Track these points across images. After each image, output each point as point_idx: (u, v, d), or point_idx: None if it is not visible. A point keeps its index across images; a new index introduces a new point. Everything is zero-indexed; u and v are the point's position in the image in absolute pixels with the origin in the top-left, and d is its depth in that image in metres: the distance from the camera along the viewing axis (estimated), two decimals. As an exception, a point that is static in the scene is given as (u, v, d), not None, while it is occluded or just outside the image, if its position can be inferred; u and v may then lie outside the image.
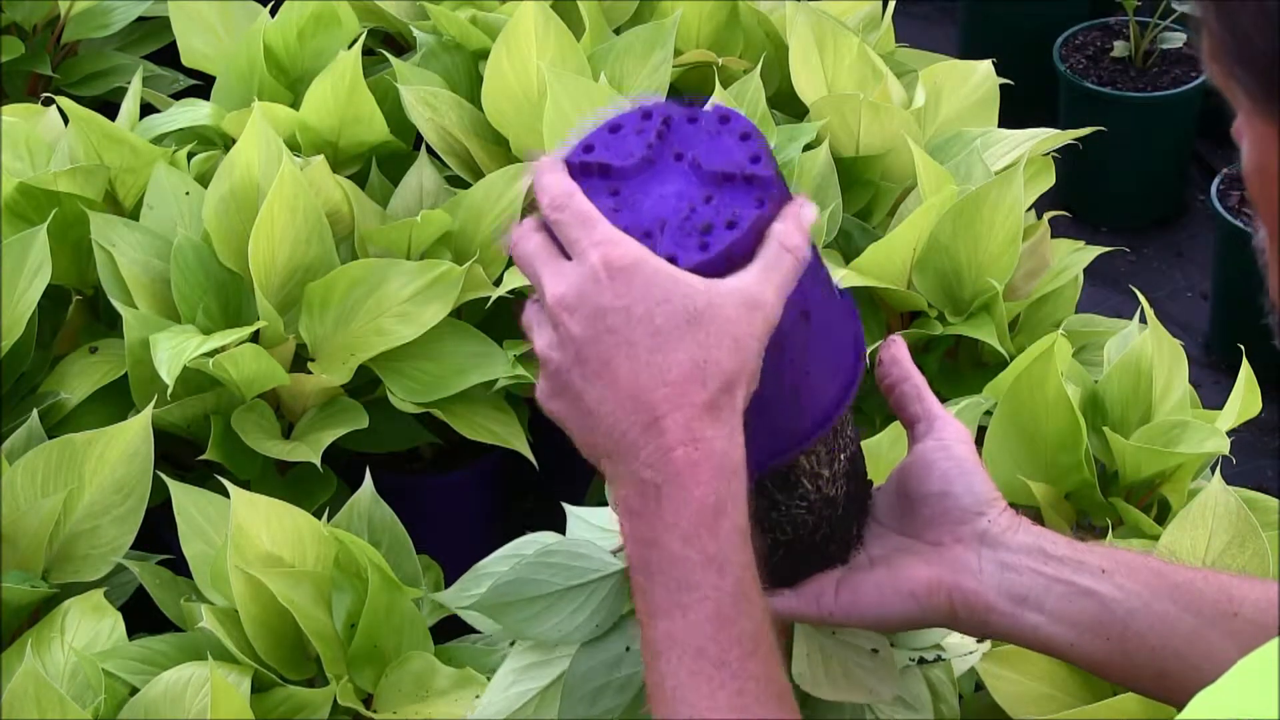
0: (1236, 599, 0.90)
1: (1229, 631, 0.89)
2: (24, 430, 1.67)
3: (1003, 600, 0.91)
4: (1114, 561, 0.91)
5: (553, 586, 1.01)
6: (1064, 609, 0.90)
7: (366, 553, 1.46)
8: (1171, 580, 0.91)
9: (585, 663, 1.01)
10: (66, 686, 1.42)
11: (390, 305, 1.78)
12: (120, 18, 2.37)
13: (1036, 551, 0.91)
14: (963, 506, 0.93)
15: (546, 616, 1.01)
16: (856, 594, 0.93)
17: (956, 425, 0.96)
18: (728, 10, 2.17)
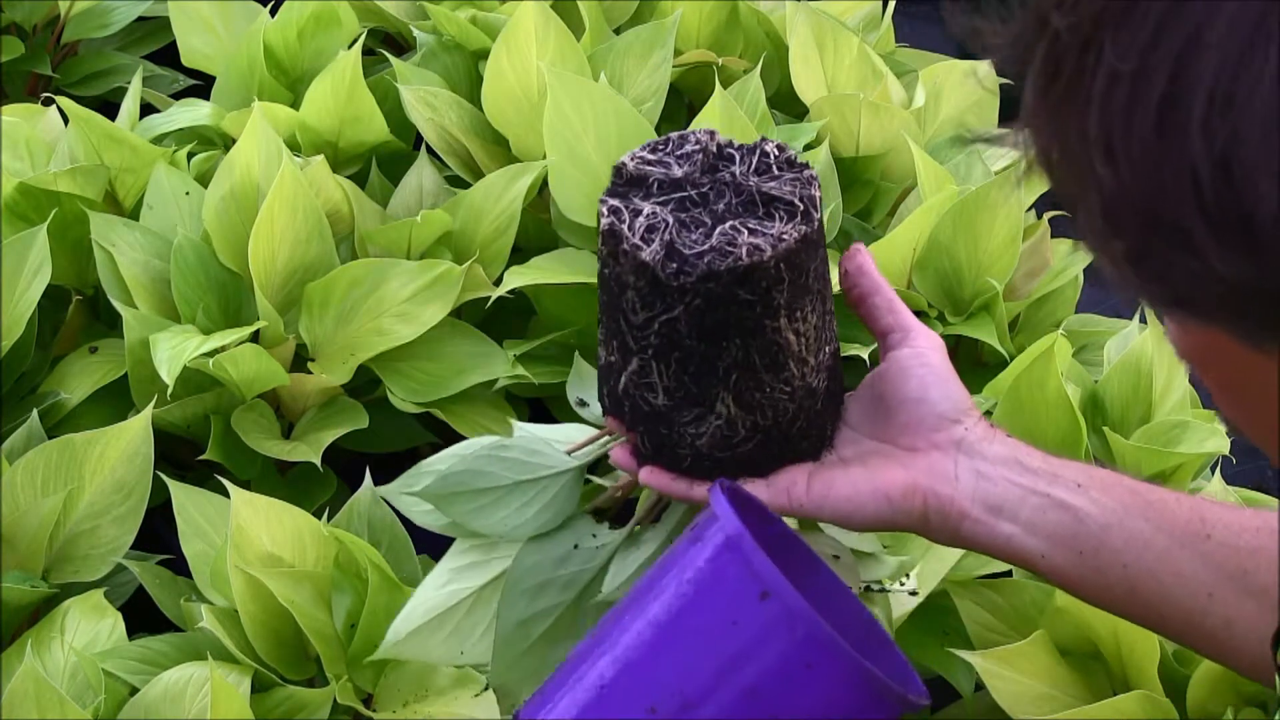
0: (1209, 521, 0.90)
1: (1201, 553, 0.89)
2: (24, 430, 1.67)
3: (977, 508, 0.90)
4: (1089, 477, 0.91)
5: (504, 480, 1.00)
6: (1038, 520, 0.90)
7: (366, 553, 1.46)
8: (1146, 499, 0.91)
9: (530, 557, 1.00)
10: (66, 686, 1.42)
11: (390, 305, 1.78)
12: (120, 18, 2.37)
13: (1013, 462, 0.91)
14: (939, 413, 0.92)
15: (494, 509, 1.00)
16: (829, 489, 0.92)
17: (931, 334, 0.97)
18: (728, 10, 2.17)
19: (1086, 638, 1.43)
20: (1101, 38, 0.55)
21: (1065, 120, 0.57)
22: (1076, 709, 1.37)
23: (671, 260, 0.85)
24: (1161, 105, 0.53)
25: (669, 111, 2.07)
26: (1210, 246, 0.53)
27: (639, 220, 0.86)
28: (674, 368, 0.89)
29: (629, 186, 0.89)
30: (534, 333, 1.90)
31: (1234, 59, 0.52)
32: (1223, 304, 0.56)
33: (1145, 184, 0.54)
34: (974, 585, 1.52)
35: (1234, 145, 0.52)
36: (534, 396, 1.93)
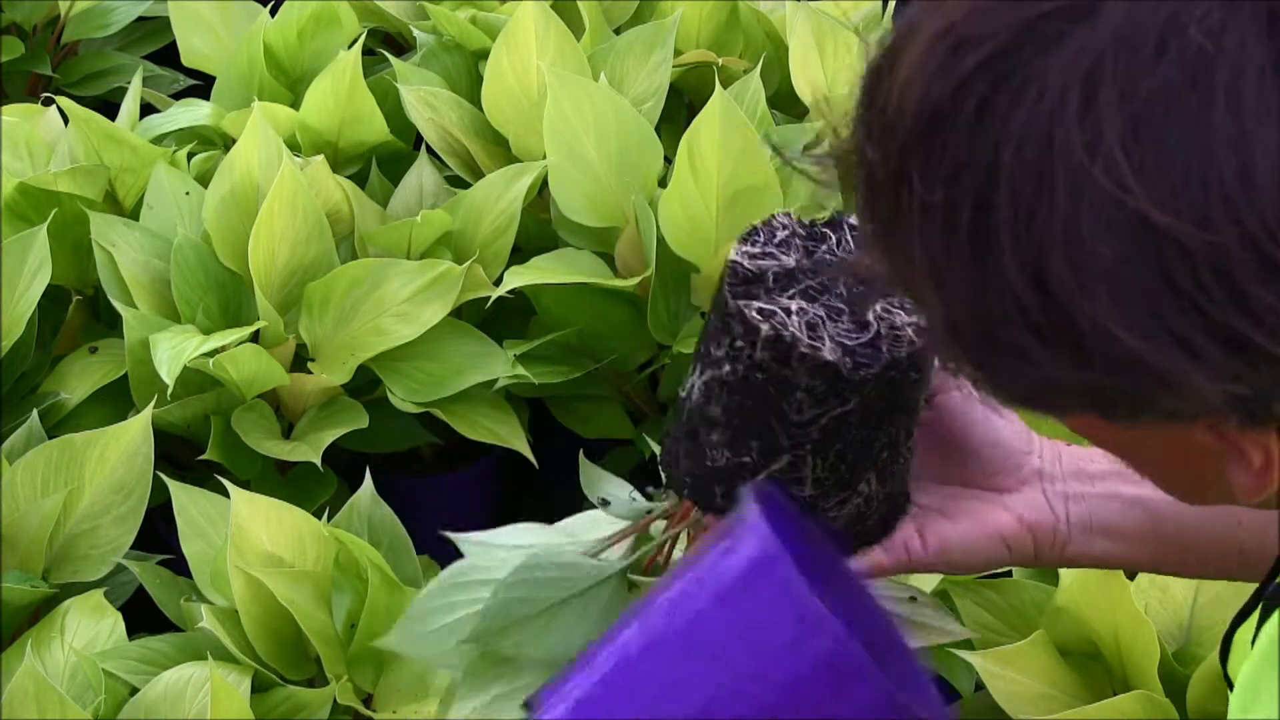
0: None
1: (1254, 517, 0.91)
2: (24, 430, 1.67)
3: (1075, 531, 0.93)
4: None
5: (549, 601, 0.97)
6: (1122, 524, 0.92)
7: (366, 553, 1.46)
8: None
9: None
10: (66, 686, 1.42)
11: (390, 305, 1.78)
12: (120, 18, 2.37)
13: (1082, 475, 0.93)
14: (1015, 449, 0.94)
15: (550, 632, 0.97)
16: (944, 541, 0.93)
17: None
18: (728, 10, 2.17)
19: (1086, 638, 1.43)
20: (910, 171, 0.57)
21: (893, 250, 0.59)
22: (1076, 709, 1.37)
23: (848, 355, 0.84)
24: (972, 233, 0.55)
25: (669, 111, 2.07)
26: (1043, 356, 0.56)
27: (793, 319, 0.84)
28: (832, 459, 0.88)
29: (750, 284, 0.87)
30: (534, 333, 1.90)
31: (1029, 181, 0.54)
32: (1074, 403, 0.58)
33: (973, 307, 0.56)
34: (974, 585, 1.52)
35: (1043, 260, 0.54)
36: (534, 396, 1.93)
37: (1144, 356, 0.54)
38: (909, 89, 0.57)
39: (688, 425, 0.90)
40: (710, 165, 1.79)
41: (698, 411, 0.89)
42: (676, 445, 0.92)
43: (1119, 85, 0.53)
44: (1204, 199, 0.52)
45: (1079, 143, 0.53)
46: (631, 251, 1.87)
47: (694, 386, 0.89)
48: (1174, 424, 0.58)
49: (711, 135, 1.78)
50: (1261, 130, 0.52)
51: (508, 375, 1.80)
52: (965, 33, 0.56)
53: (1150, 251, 0.53)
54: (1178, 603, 1.45)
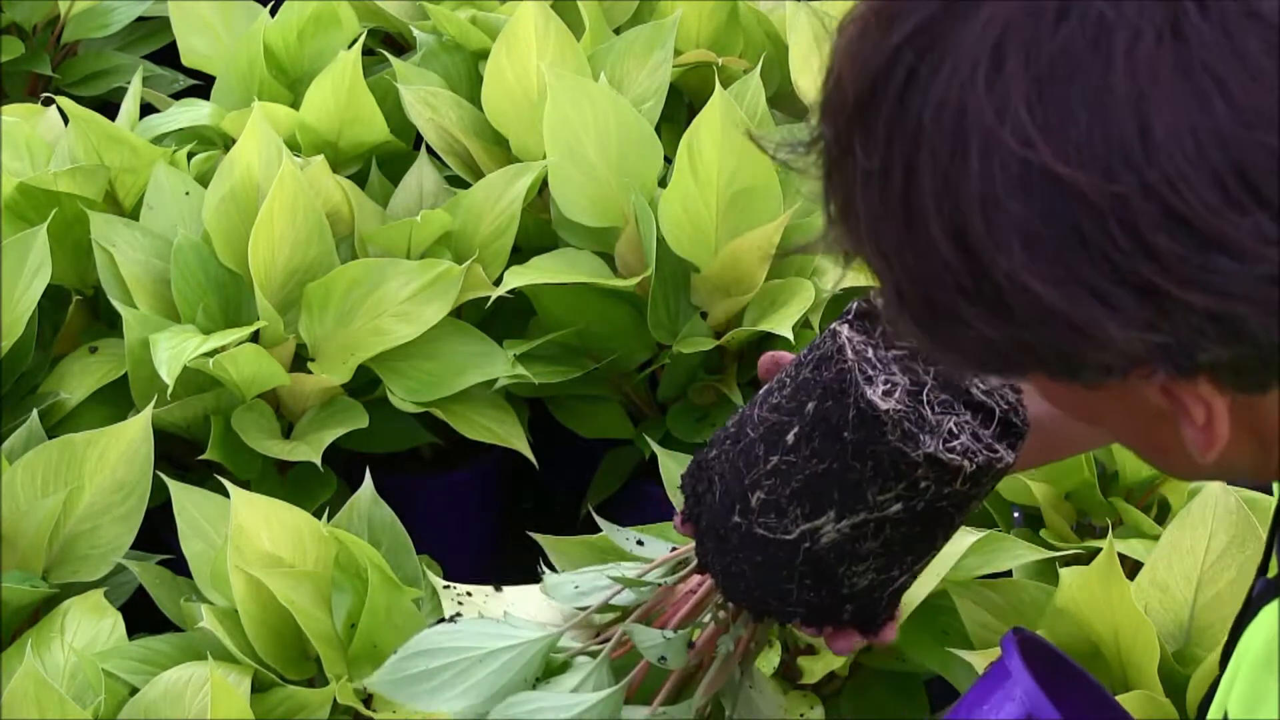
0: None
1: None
2: (24, 430, 1.67)
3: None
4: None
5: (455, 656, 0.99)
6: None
7: (366, 553, 1.46)
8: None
9: None
10: (66, 686, 1.42)
11: (390, 305, 1.78)
12: (120, 18, 2.37)
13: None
14: None
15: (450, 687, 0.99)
16: None
17: None
18: (728, 10, 2.17)
19: (1086, 638, 1.43)
20: (853, 141, 0.60)
21: (846, 221, 0.61)
22: (1076, 709, 1.37)
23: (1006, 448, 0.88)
24: (903, 197, 0.58)
25: (669, 111, 2.07)
26: (974, 317, 0.58)
27: (964, 439, 0.86)
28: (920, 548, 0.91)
29: (899, 425, 0.86)
30: (534, 333, 1.90)
31: (947, 145, 0.57)
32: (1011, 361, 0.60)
33: (910, 270, 0.59)
34: (974, 585, 1.52)
35: (963, 220, 0.57)
36: (534, 396, 1.93)
37: (1059, 307, 0.56)
38: (848, 64, 0.60)
39: (810, 565, 0.90)
40: (710, 165, 1.79)
41: (835, 551, 0.89)
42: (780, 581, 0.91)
43: (1024, 51, 0.56)
44: (1106, 154, 0.55)
45: (989, 107, 0.56)
46: (631, 251, 1.87)
47: (823, 531, 0.88)
48: (1113, 382, 0.59)
49: (711, 135, 1.78)
50: (1158, 90, 0.54)
51: (508, 375, 1.80)
52: (895, 8, 0.58)
53: (1059, 206, 0.55)
54: (1178, 603, 1.45)
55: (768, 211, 1.79)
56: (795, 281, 1.80)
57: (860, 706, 1.61)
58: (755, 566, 0.91)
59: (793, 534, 0.89)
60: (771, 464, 0.89)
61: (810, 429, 0.87)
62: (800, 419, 0.88)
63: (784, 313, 1.75)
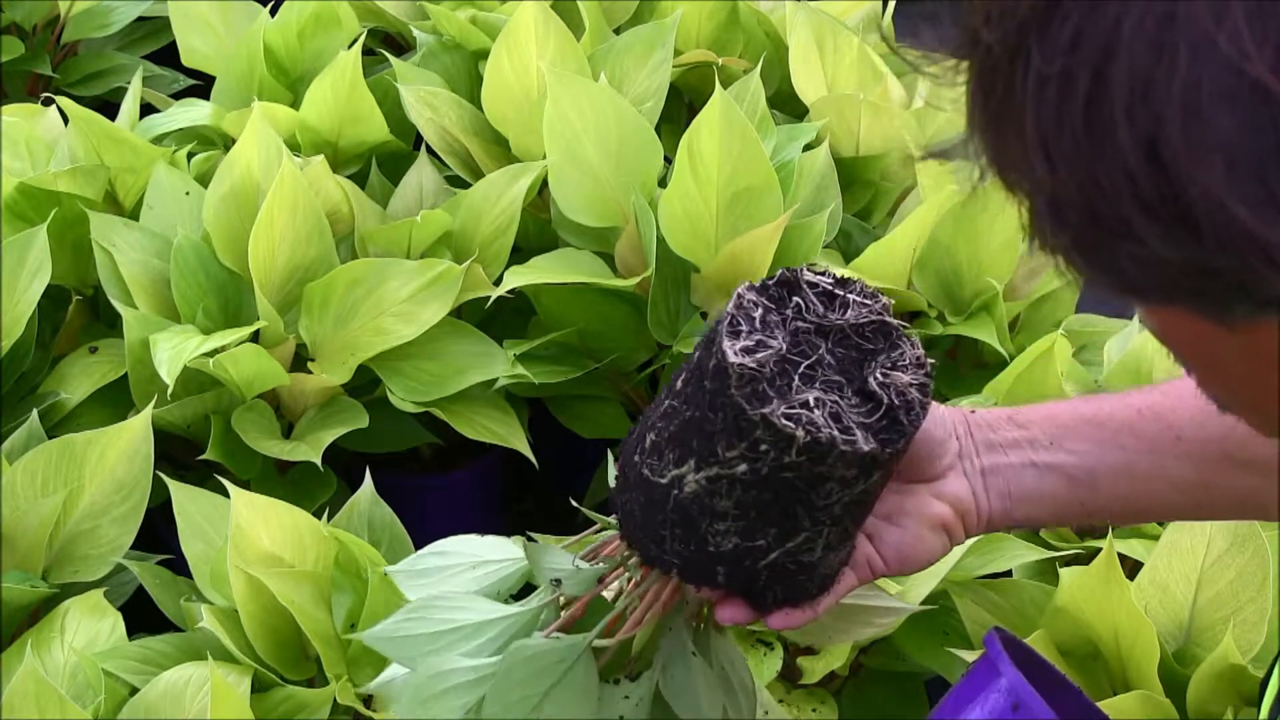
0: (1174, 424, 0.94)
1: (1177, 456, 0.93)
2: (24, 430, 1.67)
3: (994, 501, 0.95)
4: (1056, 428, 0.95)
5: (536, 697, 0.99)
6: (1039, 489, 0.95)
7: (366, 553, 1.46)
8: (1111, 428, 0.95)
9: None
10: (66, 686, 1.42)
11: (390, 305, 1.78)
12: (120, 18, 2.37)
13: (993, 446, 0.96)
14: (937, 439, 0.95)
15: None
16: (900, 548, 0.96)
17: None
18: (728, 10, 2.17)
19: (1086, 638, 1.43)
20: (1028, 45, 0.58)
21: (1004, 128, 0.60)
22: (1076, 709, 1.37)
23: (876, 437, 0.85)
24: (1087, 102, 0.56)
25: (669, 111, 2.07)
26: (1151, 232, 0.56)
27: (818, 415, 0.84)
28: (845, 525, 0.90)
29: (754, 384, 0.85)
30: (534, 332, 1.90)
31: (1150, 50, 0.54)
32: (1174, 286, 0.58)
33: (1081, 180, 0.57)
34: (974, 585, 1.52)
35: (1158, 130, 0.54)
36: (534, 396, 1.93)
37: (1255, 230, 0.54)
38: None
39: (678, 513, 0.89)
40: (710, 165, 1.79)
41: (697, 503, 0.88)
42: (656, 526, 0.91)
43: None
44: None
45: (1206, 14, 0.53)
46: (631, 251, 1.87)
47: (686, 479, 0.88)
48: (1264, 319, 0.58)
49: (711, 135, 1.78)
50: None
51: (508, 375, 1.80)
52: None
53: (1268, 123, 0.53)
54: (1178, 603, 1.45)
55: (768, 211, 1.79)
56: (795, 281, 1.80)
57: (860, 706, 1.61)
58: (641, 507, 0.91)
59: (665, 478, 0.89)
60: (663, 407, 0.90)
61: (689, 374, 0.88)
62: (688, 364, 0.88)
63: (784, 313, 1.75)
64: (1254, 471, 0.91)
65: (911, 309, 1.86)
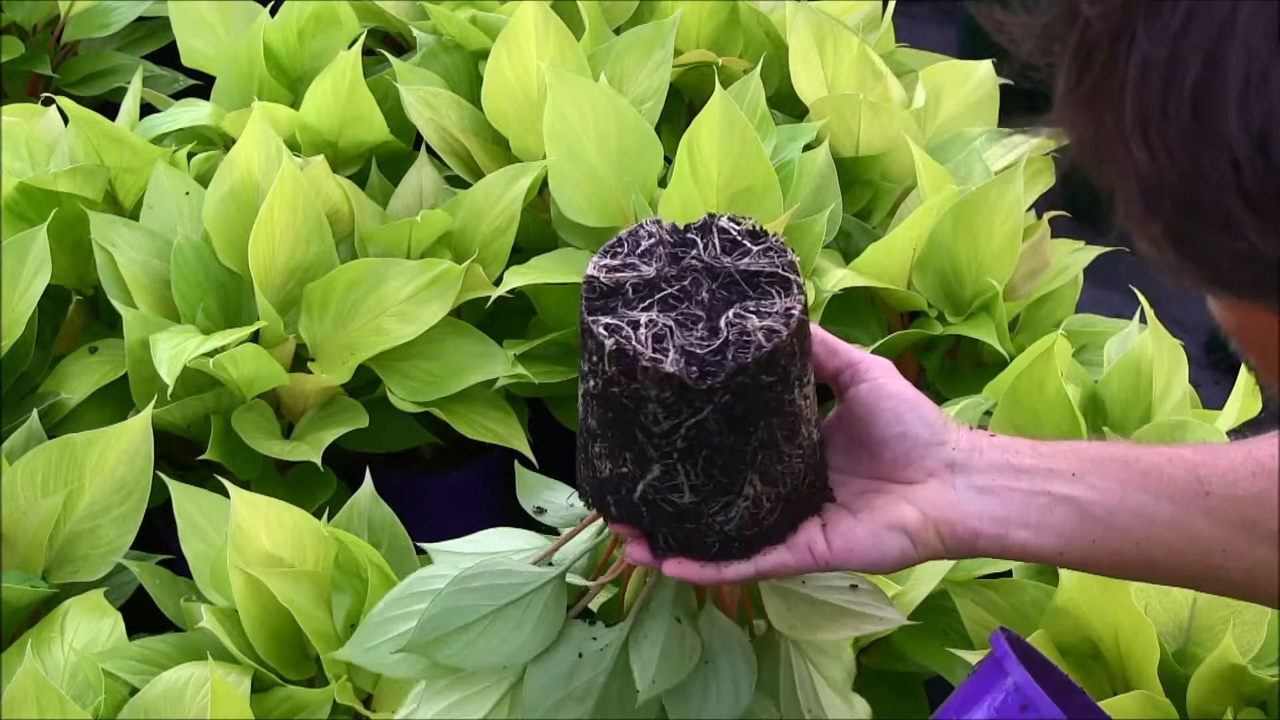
0: (1204, 478, 0.91)
1: (1204, 510, 0.90)
2: (24, 430, 1.67)
3: (986, 523, 0.91)
4: (1081, 461, 0.92)
5: (485, 609, 0.97)
6: (1046, 520, 0.91)
7: (366, 553, 1.46)
8: (1140, 470, 0.91)
9: (539, 680, 0.98)
10: (66, 686, 1.42)
11: (390, 304, 1.78)
12: (120, 18, 2.37)
13: (1006, 468, 0.92)
14: (924, 441, 0.93)
15: (485, 640, 0.97)
16: (850, 540, 0.93)
17: (878, 361, 0.97)
18: (728, 10, 2.17)
19: (1086, 638, 1.43)
20: (1133, 26, 0.56)
21: (1099, 108, 0.58)
22: (1076, 709, 1.37)
23: (693, 365, 0.84)
24: (1196, 89, 0.54)
25: (669, 111, 2.07)
26: (1251, 225, 0.54)
27: (641, 333, 0.85)
28: (702, 465, 0.89)
29: (607, 298, 0.88)
30: (534, 332, 1.90)
31: (1267, 40, 0.53)
32: (1265, 283, 0.56)
33: (1183, 167, 0.55)
34: (974, 585, 1.52)
35: (1271, 122, 0.53)
36: (533, 396, 1.93)
37: None
38: None
39: (580, 438, 0.92)
40: (710, 165, 1.79)
41: (583, 424, 0.90)
42: (578, 455, 0.94)
43: None
44: None
45: None
46: (631, 251, 1.86)
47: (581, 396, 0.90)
48: None
49: (711, 135, 1.78)
50: None
51: (507, 375, 1.80)
52: None
53: None
54: (1178, 603, 1.45)
55: (768, 211, 1.79)
56: (795, 281, 1.80)
57: (860, 706, 1.61)
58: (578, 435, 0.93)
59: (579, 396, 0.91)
60: None
61: None
62: None
63: (784, 313, 1.75)
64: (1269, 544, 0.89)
65: (911, 309, 1.86)
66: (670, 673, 0.97)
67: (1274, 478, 0.89)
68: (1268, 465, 0.90)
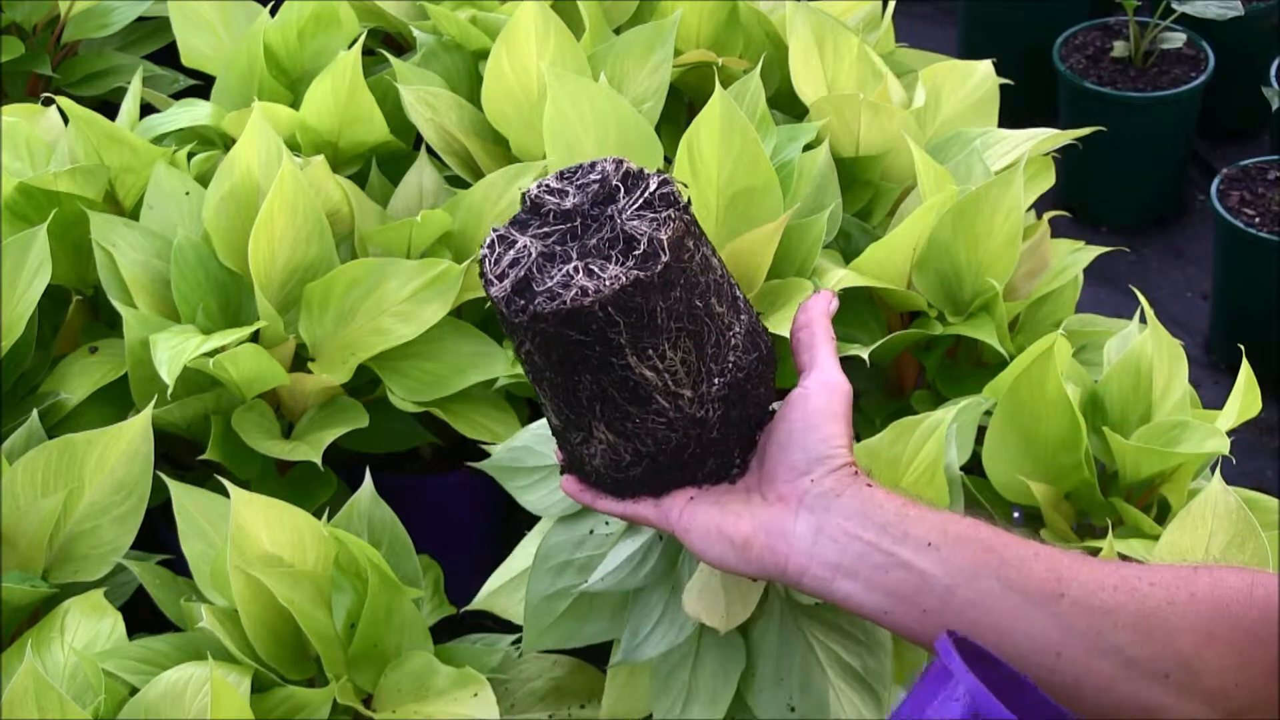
0: (1066, 579, 0.89)
1: (1053, 613, 0.89)
2: (24, 430, 1.67)
3: (815, 564, 0.91)
4: (943, 533, 0.91)
5: (546, 461, 1.11)
6: (879, 579, 0.90)
7: (366, 553, 1.46)
8: (1001, 555, 0.90)
9: (554, 538, 1.10)
10: (66, 686, 1.42)
11: (390, 304, 1.78)
12: (120, 18, 2.37)
13: (859, 517, 0.91)
14: (792, 464, 0.93)
15: (536, 488, 1.12)
16: (692, 521, 0.94)
17: (830, 376, 0.96)
18: (728, 10, 2.17)
19: None
20: None
21: None
22: (1076, 709, 1.37)
23: (518, 297, 0.87)
24: None
25: (669, 111, 2.07)
26: None
27: (508, 254, 0.88)
28: (548, 393, 0.93)
29: (529, 215, 0.92)
30: (534, 333, 1.90)
31: None
32: None
33: None
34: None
35: None
36: (533, 396, 1.93)
37: None
38: None
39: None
40: (710, 165, 1.79)
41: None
42: None
43: None
44: None
45: None
46: (631, 251, 1.86)
47: None
48: None
49: (711, 135, 1.78)
50: None
51: (507, 375, 1.80)
52: None
53: None
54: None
55: (768, 211, 1.78)
56: (795, 282, 1.80)
57: (860, 706, 1.61)
58: None
59: None
60: None
61: None
62: None
63: (784, 313, 1.75)
64: (1109, 658, 0.86)
65: (911, 309, 1.86)
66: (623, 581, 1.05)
67: (1134, 595, 0.87)
68: (1131, 583, 0.88)
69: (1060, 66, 3.02)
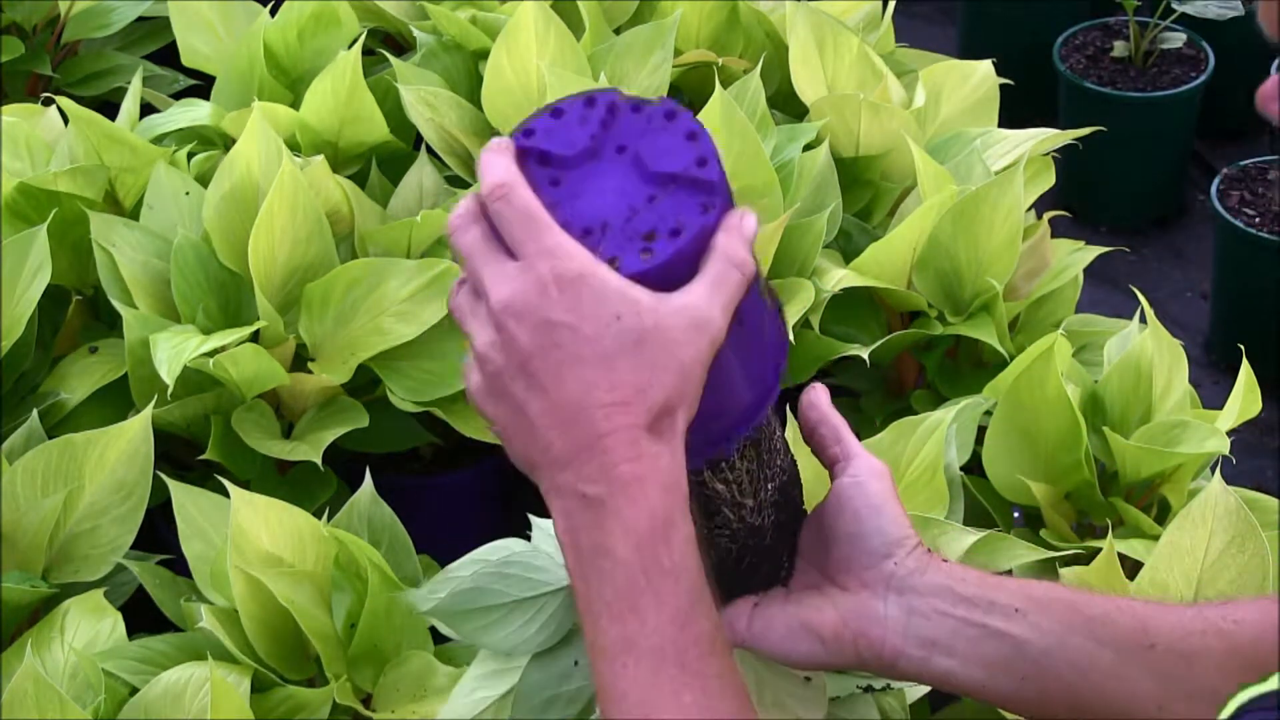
0: (1152, 630, 0.90)
1: (1145, 664, 0.89)
2: (24, 430, 1.67)
3: (911, 645, 0.91)
4: (1027, 599, 0.91)
5: (507, 597, 1.02)
6: (975, 651, 0.90)
7: (366, 553, 1.46)
8: (1086, 614, 0.90)
9: (535, 674, 1.02)
10: (66, 686, 1.42)
11: (390, 304, 1.78)
12: (120, 18, 2.37)
13: (945, 592, 0.91)
14: (870, 549, 0.92)
15: (499, 627, 1.02)
16: (768, 626, 0.92)
17: (873, 461, 0.96)
18: (728, 10, 2.17)
19: None
20: None
21: None
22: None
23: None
24: None
25: (669, 111, 2.07)
26: None
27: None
28: None
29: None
30: (534, 333, 1.90)
31: None
32: None
33: None
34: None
35: None
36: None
37: None
38: None
39: None
40: (710, 165, 1.79)
41: None
42: None
43: None
44: None
45: None
46: (631, 251, 1.86)
47: None
48: None
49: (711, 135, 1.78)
50: None
51: (508, 375, 1.79)
52: None
53: None
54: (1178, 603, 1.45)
55: (768, 211, 1.79)
56: (795, 282, 1.80)
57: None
58: None
59: None
60: None
61: None
62: None
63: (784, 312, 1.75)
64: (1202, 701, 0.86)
65: (911, 309, 1.86)
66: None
67: (1222, 635, 0.88)
68: (1216, 625, 0.89)
69: (1060, 66, 3.02)
